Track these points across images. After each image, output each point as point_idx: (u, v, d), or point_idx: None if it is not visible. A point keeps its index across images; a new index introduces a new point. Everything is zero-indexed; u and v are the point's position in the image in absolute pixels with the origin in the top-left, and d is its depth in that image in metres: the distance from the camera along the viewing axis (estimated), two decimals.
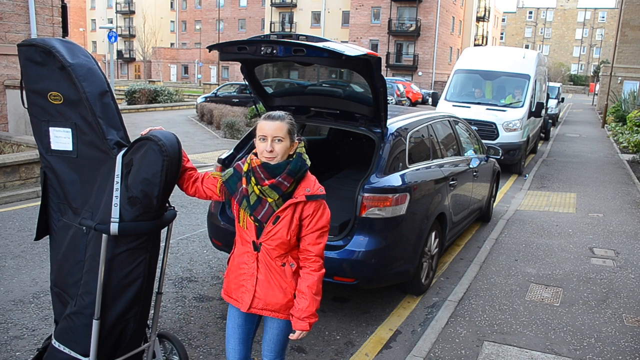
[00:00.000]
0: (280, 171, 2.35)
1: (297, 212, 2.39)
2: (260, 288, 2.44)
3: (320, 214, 2.41)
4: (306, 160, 2.45)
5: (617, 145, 16.50)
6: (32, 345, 3.57)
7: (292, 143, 2.41)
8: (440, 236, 5.04)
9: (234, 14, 60.53)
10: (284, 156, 2.38)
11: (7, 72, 10.18)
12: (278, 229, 2.38)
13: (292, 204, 2.38)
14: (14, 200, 7.23)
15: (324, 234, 2.44)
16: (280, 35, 3.83)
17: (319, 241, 2.42)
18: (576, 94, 65.35)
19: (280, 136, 2.35)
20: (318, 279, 2.41)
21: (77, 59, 2.50)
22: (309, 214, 2.39)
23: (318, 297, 2.41)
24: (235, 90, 23.39)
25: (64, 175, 2.61)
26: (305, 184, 2.42)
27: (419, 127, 4.91)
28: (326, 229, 2.44)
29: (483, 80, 12.33)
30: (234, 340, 2.58)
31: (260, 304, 2.45)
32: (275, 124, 2.35)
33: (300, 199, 2.38)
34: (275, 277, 2.43)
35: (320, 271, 2.42)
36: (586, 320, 4.32)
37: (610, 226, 7.18)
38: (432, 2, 43.23)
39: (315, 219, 2.40)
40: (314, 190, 2.41)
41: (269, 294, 2.44)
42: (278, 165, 2.36)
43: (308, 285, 2.38)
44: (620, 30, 29.17)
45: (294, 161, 2.39)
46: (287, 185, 2.36)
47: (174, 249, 5.62)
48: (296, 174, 2.38)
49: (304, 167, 2.41)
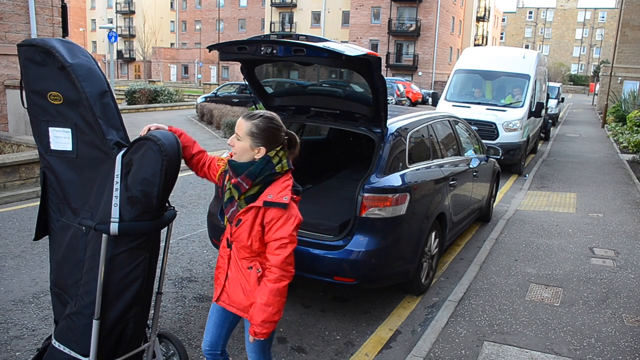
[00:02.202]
0: (241, 171, 2.34)
1: (259, 218, 2.31)
2: (229, 284, 2.49)
3: (279, 224, 2.27)
4: (278, 165, 2.34)
5: (617, 145, 16.50)
6: (32, 345, 3.57)
7: (254, 147, 2.33)
8: (440, 236, 5.04)
9: (234, 14, 60.54)
10: (241, 156, 2.35)
11: (7, 72, 10.18)
12: (240, 232, 2.35)
13: (252, 208, 2.32)
14: (14, 200, 7.23)
15: (285, 245, 2.26)
16: (280, 35, 3.84)
17: (278, 252, 2.27)
18: (576, 94, 65.36)
19: (239, 135, 2.34)
20: (270, 290, 2.27)
21: (77, 59, 2.50)
22: (267, 222, 2.29)
23: (268, 309, 2.28)
24: (235, 90, 23.40)
25: (63, 175, 2.61)
26: (271, 189, 2.32)
27: (419, 127, 4.91)
28: (287, 241, 2.27)
29: (483, 80, 12.33)
30: (210, 323, 2.65)
31: (227, 300, 2.51)
32: (241, 121, 2.35)
33: (257, 204, 2.30)
34: (240, 277, 2.44)
35: (277, 284, 2.27)
36: (586, 320, 4.32)
37: (610, 226, 7.17)
38: (432, 2, 43.23)
39: (274, 228, 2.27)
40: (276, 197, 2.28)
41: (234, 292, 2.47)
42: (240, 164, 2.35)
43: (259, 294, 2.31)
44: (620, 30, 29.17)
45: (257, 164, 2.32)
46: (246, 187, 2.32)
47: (174, 249, 5.62)
48: (256, 177, 2.31)
49: (266, 172, 2.31)
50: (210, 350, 2.67)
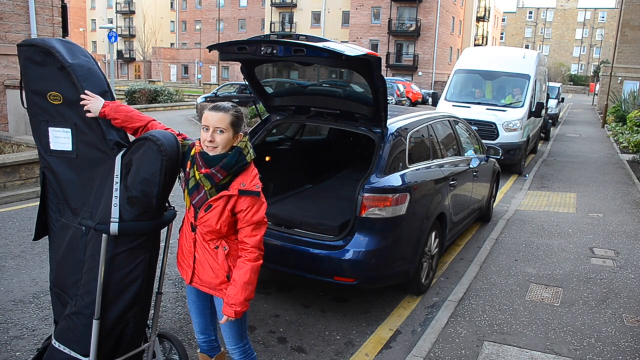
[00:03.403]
0: (215, 163, 2.42)
1: (229, 205, 2.43)
2: (197, 265, 2.59)
3: (254, 210, 2.44)
4: (247, 155, 2.48)
5: (617, 145, 16.49)
6: (32, 345, 3.57)
7: (235, 135, 2.45)
8: (440, 236, 5.04)
9: (234, 14, 60.53)
10: (225, 147, 2.43)
11: (7, 72, 10.18)
12: (209, 217, 2.45)
13: (224, 196, 2.43)
14: (14, 200, 7.23)
15: (260, 226, 2.46)
16: (280, 35, 3.84)
17: (255, 233, 2.45)
18: (576, 94, 65.34)
19: (221, 127, 2.41)
20: (251, 268, 2.44)
21: (77, 59, 2.50)
22: (242, 209, 2.43)
23: (249, 287, 2.44)
24: (235, 90, 23.40)
25: (63, 175, 2.61)
26: (242, 178, 2.45)
27: (419, 127, 4.91)
28: (262, 223, 2.47)
29: (483, 80, 12.32)
30: (192, 311, 2.79)
31: (199, 281, 2.60)
32: (218, 114, 2.41)
33: (232, 192, 2.42)
34: (208, 258, 2.54)
35: (256, 262, 2.45)
36: (586, 320, 4.32)
37: (610, 226, 7.17)
38: (432, 2, 43.21)
39: (250, 214, 2.43)
40: (249, 185, 2.43)
41: (203, 272, 2.57)
42: (215, 157, 2.42)
43: (240, 274, 2.44)
44: (620, 30, 29.16)
45: (230, 155, 2.43)
46: (220, 177, 2.42)
47: (174, 249, 5.60)
48: (230, 168, 2.42)
49: (240, 162, 2.44)
50: (204, 337, 2.83)
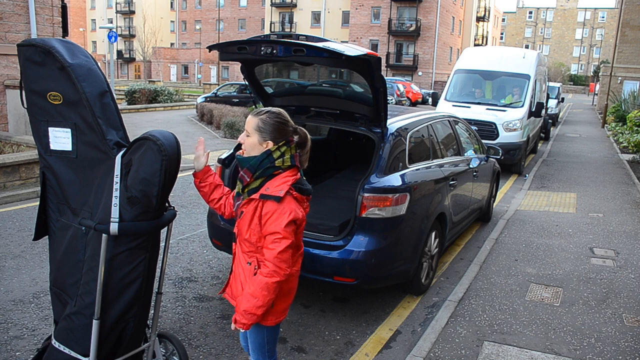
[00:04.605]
0: (244, 165, 2.42)
1: (257, 210, 2.35)
2: (233, 277, 2.56)
3: (273, 218, 2.29)
4: (278, 160, 2.37)
5: (617, 145, 16.49)
6: (32, 345, 3.57)
7: (262, 141, 2.39)
8: (440, 236, 5.04)
9: (234, 14, 60.53)
10: (250, 152, 2.42)
11: (7, 72, 10.18)
12: (241, 224, 2.45)
13: (251, 200, 2.39)
14: (14, 200, 7.23)
15: (278, 240, 2.27)
16: (280, 35, 3.83)
17: (272, 247, 2.27)
18: (576, 94, 65.35)
19: (248, 131, 2.42)
20: (259, 283, 2.28)
21: (76, 59, 2.50)
22: (264, 215, 2.33)
23: (252, 300, 2.29)
24: (235, 90, 23.39)
25: (63, 175, 2.61)
26: (271, 183, 2.37)
27: (419, 127, 4.91)
28: (280, 236, 2.27)
29: (483, 80, 12.33)
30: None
31: (231, 293, 2.58)
32: (249, 118, 2.44)
33: (256, 196, 2.37)
34: (240, 272, 2.50)
35: (268, 278, 2.26)
36: (586, 320, 4.32)
37: (610, 226, 7.17)
38: (432, 2, 43.22)
39: (269, 221, 2.30)
40: (272, 190, 2.33)
41: (235, 286, 2.53)
42: (244, 158, 2.43)
43: (250, 283, 2.36)
44: (620, 30, 29.15)
45: (257, 157, 2.39)
46: (247, 179, 2.41)
47: (174, 249, 5.62)
48: (256, 170, 2.38)
49: (266, 165, 2.36)
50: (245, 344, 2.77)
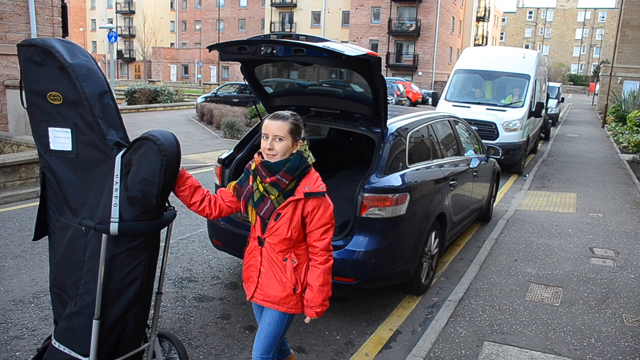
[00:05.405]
0: (279, 169, 2.46)
1: (298, 210, 2.47)
2: (262, 280, 2.59)
3: (322, 212, 2.48)
4: (308, 158, 2.52)
5: (617, 145, 16.50)
6: (32, 345, 3.57)
7: (294, 142, 2.48)
8: (440, 236, 5.04)
9: (234, 14, 60.53)
10: (284, 154, 2.47)
11: (7, 72, 10.18)
12: (279, 226, 2.49)
13: (292, 201, 2.47)
14: (14, 200, 7.23)
15: (328, 229, 2.50)
16: (280, 35, 3.83)
17: (324, 237, 2.50)
18: (576, 94, 65.34)
19: (280, 135, 2.45)
20: (323, 271, 2.51)
21: (76, 59, 2.50)
22: (309, 211, 2.47)
23: (324, 288, 2.52)
24: (235, 90, 23.39)
25: (62, 175, 2.61)
26: (306, 181, 2.49)
27: (419, 127, 4.91)
28: (329, 225, 2.51)
29: (483, 80, 12.33)
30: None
31: (261, 296, 2.61)
32: (277, 123, 2.45)
33: (299, 196, 2.46)
34: (275, 270, 2.56)
35: (326, 264, 2.52)
36: (586, 320, 4.32)
37: (610, 226, 7.17)
38: (432, 2, 43.22)
39: (317, 216, 2.47)
40: (314, 187, 2.47)
41: (268, 286, 2.58)
42: (277, 163, 2.46)
43: (314, 278, 2.52)
44: (620, 30, 29.16)
45: (292, 159, 2.47)
46: (286, 182, 2.46)
47: (174, 249, 5.62)
48: (294, 172, 2.46)
49: (302, 165, 2.48)
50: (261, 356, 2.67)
